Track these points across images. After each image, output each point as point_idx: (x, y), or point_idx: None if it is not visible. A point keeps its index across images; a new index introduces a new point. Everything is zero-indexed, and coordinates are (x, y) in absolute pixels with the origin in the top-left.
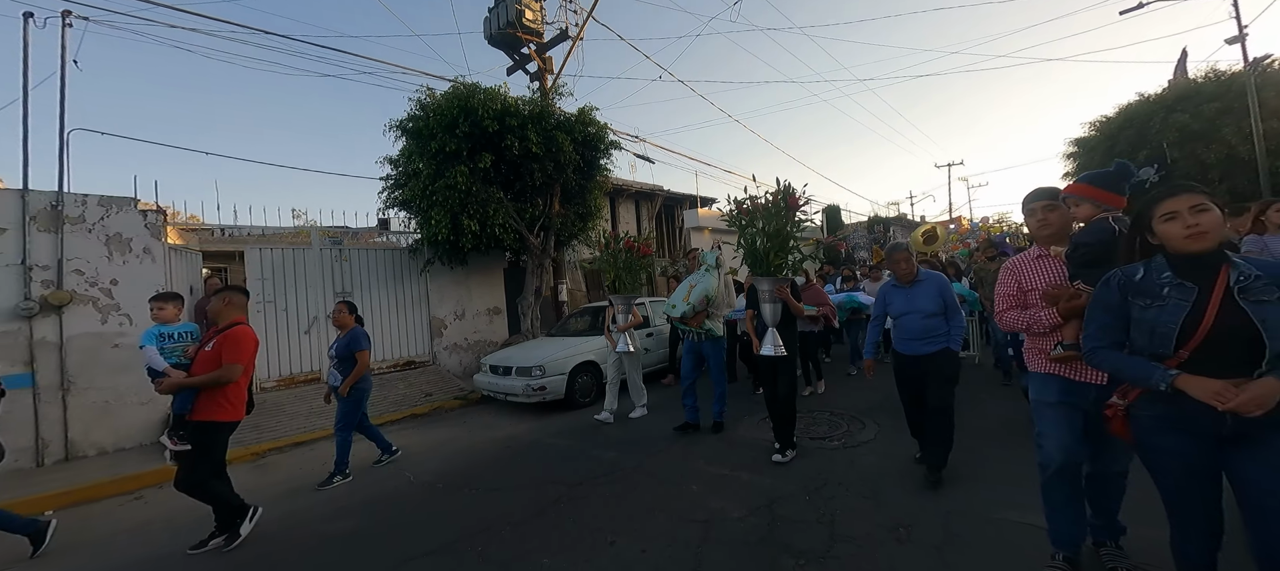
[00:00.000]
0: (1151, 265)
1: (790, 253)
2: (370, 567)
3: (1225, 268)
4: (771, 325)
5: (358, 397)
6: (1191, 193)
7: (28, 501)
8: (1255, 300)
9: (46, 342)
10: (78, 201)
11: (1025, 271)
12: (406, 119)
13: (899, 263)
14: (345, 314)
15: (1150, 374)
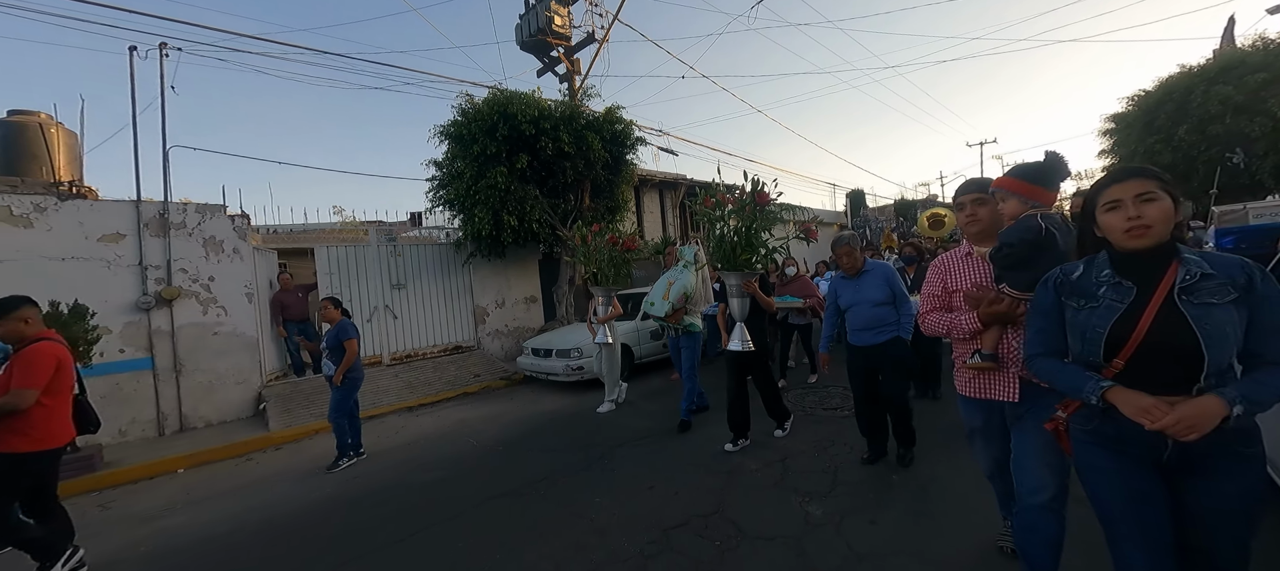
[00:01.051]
0: (1093, 262)
1: (758, 248)
2: (463, 502)
3: (1175, 265)
4: (739, 320)
5: (350, 386)
6: (1139, 178)
7: (157, 463)
8: (1200, 302)
9: (161, 331)
10: (180, 209)
11: (952, 270)
12: (449, 125)
13: (842, 256)
14: (331, 309)
15: (1082, 385)
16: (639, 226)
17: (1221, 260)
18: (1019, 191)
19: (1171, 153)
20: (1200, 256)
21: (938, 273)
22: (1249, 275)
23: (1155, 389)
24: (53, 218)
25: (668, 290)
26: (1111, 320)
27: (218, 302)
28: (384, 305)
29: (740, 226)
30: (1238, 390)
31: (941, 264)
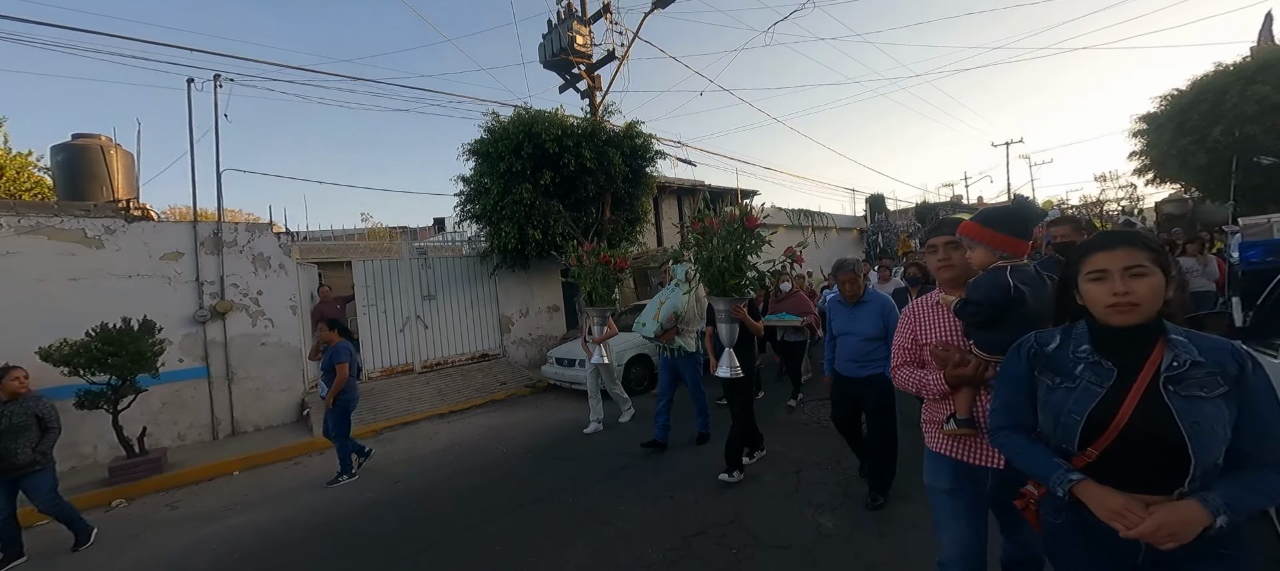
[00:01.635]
0: (1071, 333)
1: (746, 273)
2: (497, 508)
3: (1160, 346)
4: (728, 345)
5: (344, 406)
6: (1129, 247)
7: (216, 465)
8: (1187, 395)
9: (215, 342)
10: (232, 229)
11: (922, 320)
12: (477, 143)
13: (845, 283)
14: (328, 331)
15: (1048, 473)
16: (658, 233)
17: (1212, 345)
18: (985, 240)
19: (1206, 154)
20: (1188, 338)
21: (908, 323)
22: (1240, 364)
23: (1130, 485)
24: (121, 238)
25: (659, 310)
26: (1090, 406)
27: (265, 315)
28: (415, 315)
29: (728, 250)
30: (1222, 497)
31: (912, 313)
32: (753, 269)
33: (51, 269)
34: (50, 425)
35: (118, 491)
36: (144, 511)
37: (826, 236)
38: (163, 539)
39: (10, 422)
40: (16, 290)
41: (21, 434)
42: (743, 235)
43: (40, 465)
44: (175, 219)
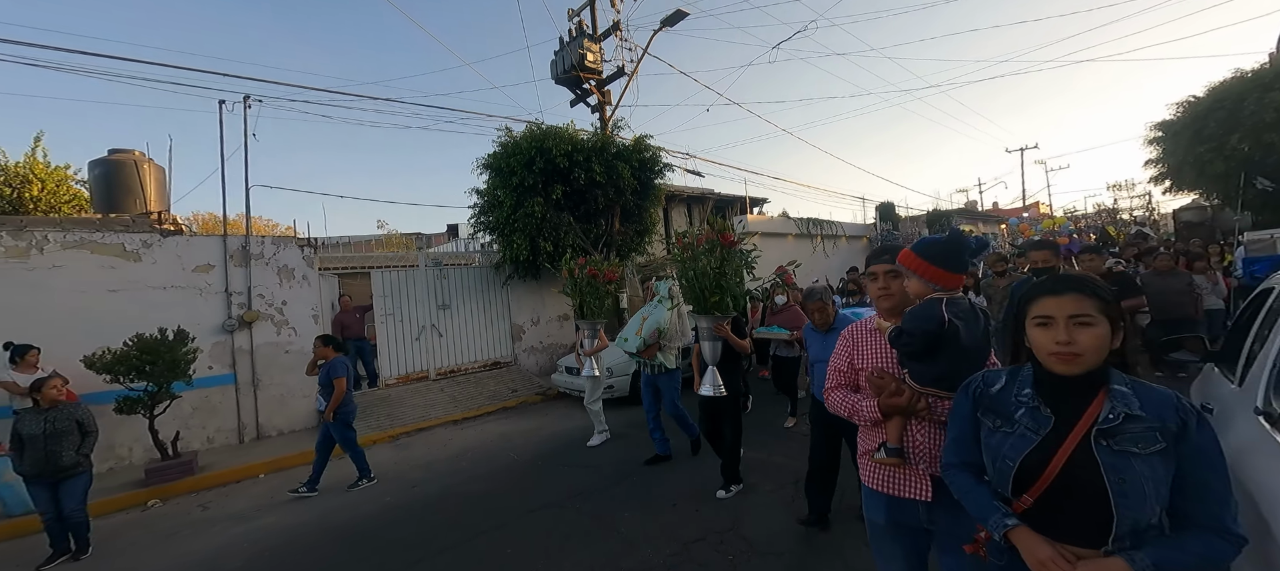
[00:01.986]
0: (1017, 375)
1: (727, 291)
2: (507, 512)
3: (1101, 396)
4: (711, 364)
5: (346, 418)
6: (1077, 295)
7: (244, 468)
8: (1119, 450)
9: (242, 350)
10: (259, 242)
11: (860, 345)
12: (490, 157)
13: (814, 312)
14: (322, 346)
15: (987, 515)
16: (667, 242)
17: (1155, 398)
18: (920, 272)
19: (1223, 162)
20: (1132, 388)
21: (846, 345)
22: (1183, 421)
23: (1063, 535)
24: (156, 252)
25: (641, 326)
26: (1023, 452)
27: (289, 324)
28: (431, 324)
29: (709, 268)
30: (1150, 558)
31: (850, 336)
32: (736, 286)
33: (93, 281)
34: (89, 429)
35: (153, 492)
36: (178, 511)
37: (836, 245)
38: (199, 538)
39: (53, 427)
40: (62, 301)
41: (65, 438)
42: (722, 253)
43: (81, 467)
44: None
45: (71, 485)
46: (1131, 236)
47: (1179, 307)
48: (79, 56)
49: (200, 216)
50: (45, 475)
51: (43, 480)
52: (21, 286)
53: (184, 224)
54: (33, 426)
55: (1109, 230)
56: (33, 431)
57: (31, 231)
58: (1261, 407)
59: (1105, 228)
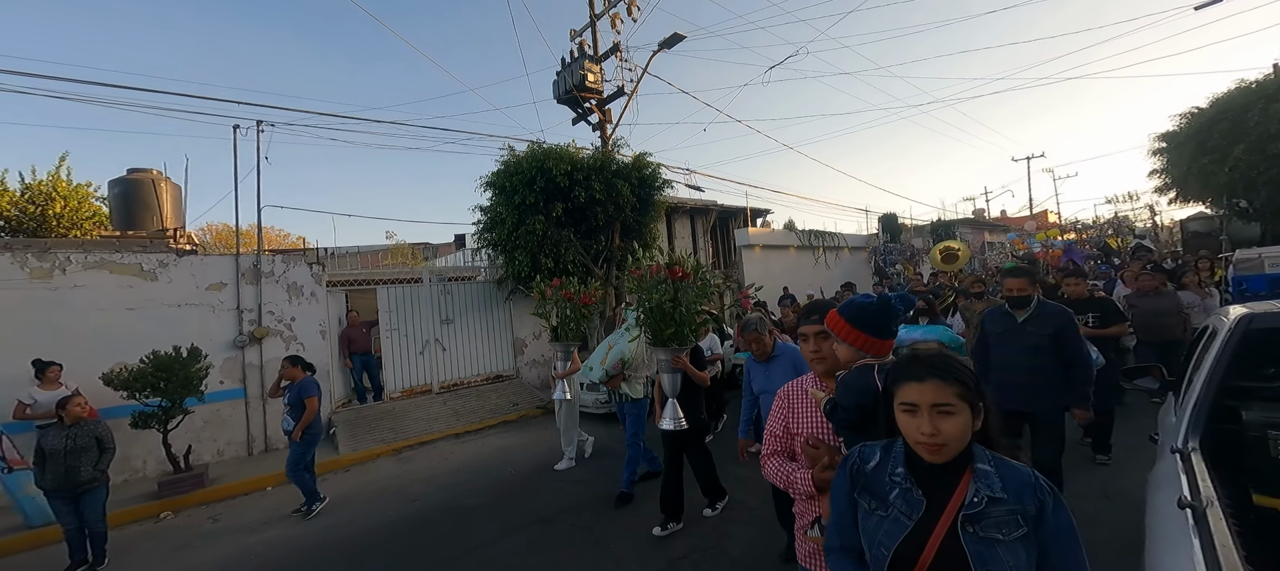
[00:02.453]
0: (891, 450)
1: (682, 324)
2: (503, 527)
3: (967, 477)
4: (671, 396)
5: (309, 440)
6: (939, 381)
7: (252, 481)
8: (985, 537)
9: (252, 365)
10: (269, 261)
11: (795, 408)
12: (493, 175)
13: (751, 342)
14: (291, 367)
15: None
16: (670, 253)
17: (1015, 479)
18: (848, 338)
19: (1227, 173)
20: (995, 466)
21: (781, 407)
22: (1041, 503)
23: None
24: (172, 271)
25: (606, 355)
26: (898, 539)
27: (297, 339)
28: (435, 338)
29: (664, 300)
30: None
31: (785, 397)
32: (690, 319)
33: (111, 299)
34: (108, 446)
35: (166, 504)
36: (190, 523)
37: (839, 256)
38: (210, 549)
39: (75, 444)
40: (82, 319)
41: (84, 454)
42: (674, 287)
43: (98, 482)
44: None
45: (91, 498)
46: (1132, 249)
47: (1166, 329)
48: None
49: (215, 228)
50: (64, 489)
51: (62, 494)
52: (46, 305)
53: (199, 239)
54: (56, 442)
55: (1110, 242)
56: (55, 447)
57: (55, 253)
58: (1178, 447)
59: (1107, 240)
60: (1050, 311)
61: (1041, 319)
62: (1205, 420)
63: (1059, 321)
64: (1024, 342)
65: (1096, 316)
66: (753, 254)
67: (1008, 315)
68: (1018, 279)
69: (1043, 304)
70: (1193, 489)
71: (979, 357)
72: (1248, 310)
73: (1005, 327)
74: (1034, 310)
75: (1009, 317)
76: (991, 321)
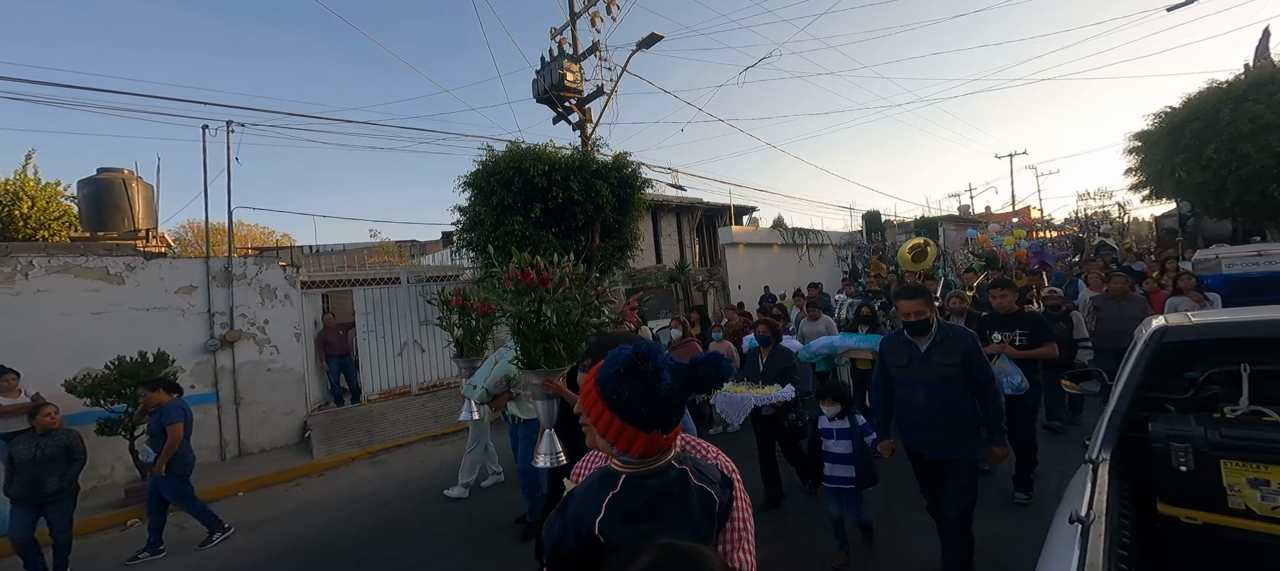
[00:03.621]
0: None
1: (554, 340)
2: (480, 527)
3: None
4: (548, 427)
5: (181, 472)
6: None
7: (223, 488)
8: None
9: (225, 369)
10: (241, 263)
11: None
12: (470, 176)
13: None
14: (150, 392)
15: None
16: (656, 251)
17: None
18: (596, 421)
19: (1201, 172)
20: None
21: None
22: None
23: None
24: (140, 274)
25: (492, 368)
26: None
27: (271, 342)
28: (413, 340)
29: (527, 312)
30: None
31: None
32: (566, 333)
33: (77, 304)
34: (76, 456)
35: (133, 512)
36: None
37: (823, 253)
38: (170, 560)
39: (43, 453)
40: (46, 325)
41: (52, 464)
42: (537, 296)
43: (64, 493)
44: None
45: (57, 508)
46: (1095, 248)
47: (1130, 335)
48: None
49: (193, 225)
50: (28, 499)
51: (26, 502)
52: (8, 311)
53: (173, 238)
54: (25, 450)
55: (1083, 238)
56: (24, 455)
57: (16, 257)
58: (1090, 457)
59: (1081, 237)
60: (955, 335)
61: (946, 345)
62: (1119, 431)
63: (964, 346)
64: (931, 375)
65: (1024, 334)
66: (737, 252)
67: (908, 343)
68: (913, 300)
69: (945, 327)
70: (1090, 502)
71: (879, 394)
72: (1164, 322)
73: (908, 358)
74: (936, 336)
75: (910, 346)
76: (891, 352)
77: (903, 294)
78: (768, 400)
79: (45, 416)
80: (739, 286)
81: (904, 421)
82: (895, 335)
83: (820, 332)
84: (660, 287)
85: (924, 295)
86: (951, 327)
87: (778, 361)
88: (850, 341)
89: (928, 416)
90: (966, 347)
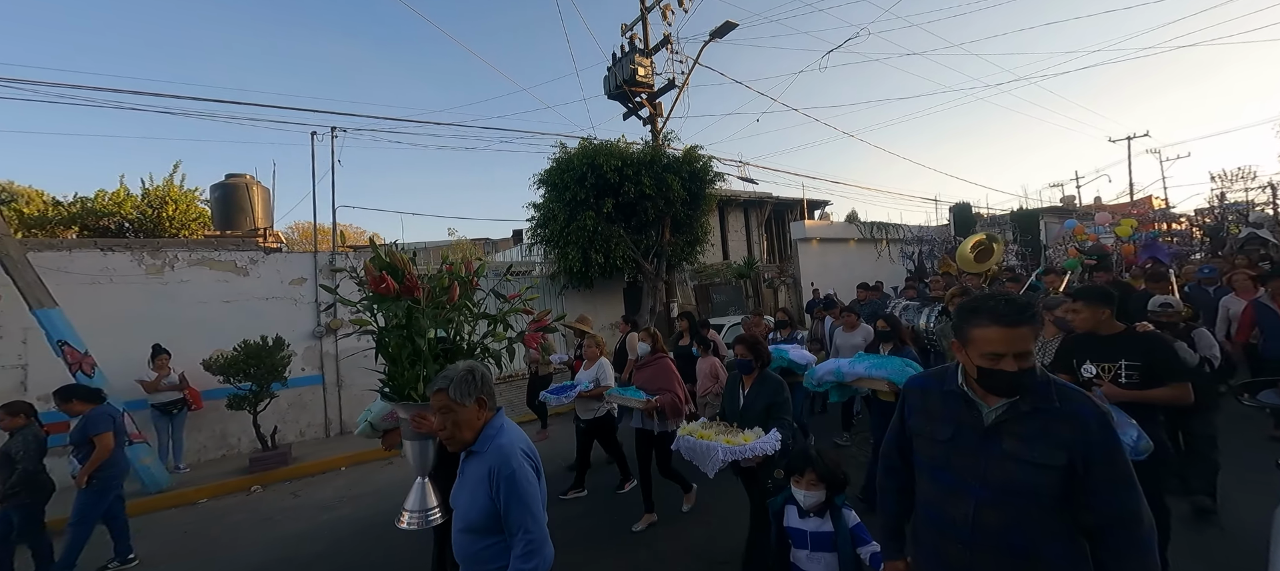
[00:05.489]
0: None
1: (425, 362)
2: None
3: None
4: (419, 474)
5: (102, 487)
6: None
7: (329, 461)
8: None
9: (329, 355)
10: (344, 257)
11: None
12: (545, 174)
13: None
14: (64, 402)
15: None
16: (723, 248)
17: None
18: None
19: None
20: None
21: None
22: None
23: None
24: (261, 267)
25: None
26: None
27: None
28: None
29: (398, 326)
30: None
31: None
32: (429, 356)
33: (211, 293)
34: (16, 462)
35: (255, 478)
36: (275, 498)
37: (903, 249)
38: (289, 522)
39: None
40: (187, 311)
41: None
42: (406, 311)
43: (10, 498)
44: (301, 235)
45: (15, 514)
46: (1242, 240)
47: None
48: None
49: (299, 225)
50: None
51: None
52: (159, 297)
53: (284, 237)
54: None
55: (1233, 229)
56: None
57: (165, 251)
58: None
59: (1230, 225)
60: (1065, 404)
61: (1040, 420)
62: None
63: (1081, 429)
64: (995, 473)
65: (1134, 365)
66: (809, 247)
67: (960, 399)
68: (1009, 326)
69: (1046, 385)
70: None
71: (889, 479)
72: None
73: (953, 428)
74: (1021, 399)
75: (962, 405)
76: (921, 405)
77: (983, 308)
78: (740, 453)
79: (10, 417)
80: (812, 284)
81: (926, 550)
82: (934, 378)
83: (857, 346)
84: (728, 284)
85: (1027, 317)
86: (1061, 388)
87: (762, 395)
88: (860, 367)
89: (974, 552)
90: (1086, 434)
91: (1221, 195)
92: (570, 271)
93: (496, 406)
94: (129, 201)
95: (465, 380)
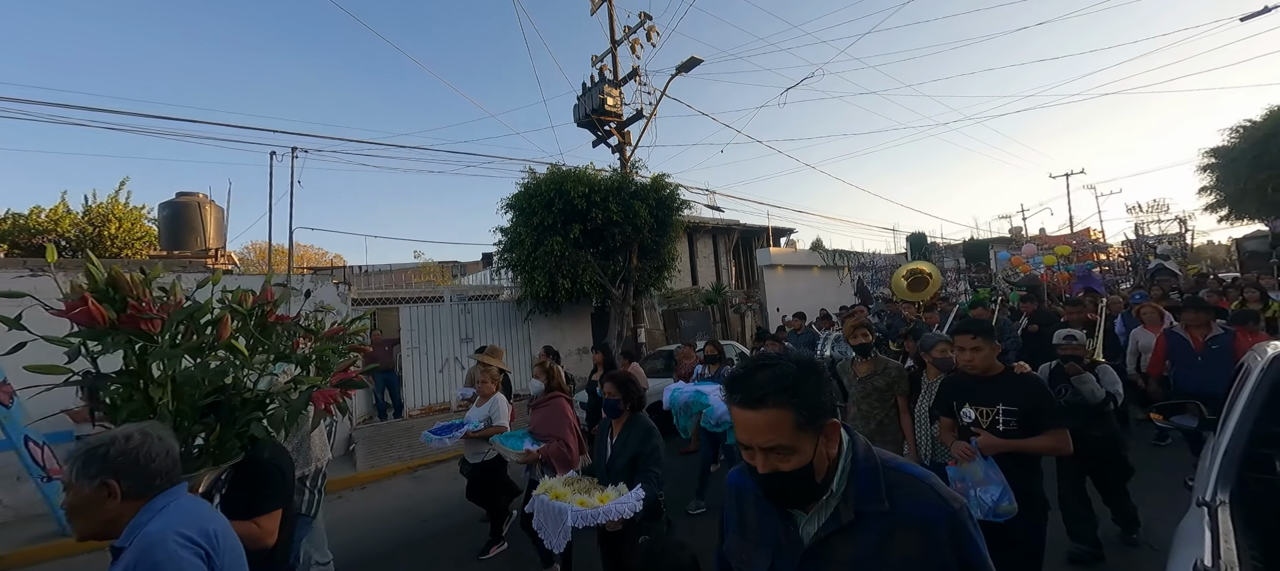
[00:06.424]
0: None
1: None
2: (520, 539)
3: None
4: None
5: None
6: None
7: None
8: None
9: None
10: (300, 280)
11: None
12: (512, 198)
13: None
14: None
15: None
16: (692, 273)
17: None
18: None
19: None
20: None
21: None
22: None
23: None
24: (210, 290)
25: None
26: None
27: None
28: (454, 357)
29: (125, 373)
30: None
31: None
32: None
33: None
34: None
35: None
36: None
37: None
38: None
39: None
40: None
41: None
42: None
43: None
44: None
45: None
46: (1151, 272)
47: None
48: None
49: (256, 245)
50: None
51: None
52: None
53: (238, 258)
54: None
55: (1150, 256)
56: None
57: None
58: (1205, 499)
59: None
60: (897, 505)
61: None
62: (1237, 470)
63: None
64: None
65: (1011, 411)
66: (774, 274)
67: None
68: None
69: (869, 471)
70: (1214, 550)
71: None
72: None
73: (771, 538)
74: (840, 490)
75: (784, 518)
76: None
77: (732, 376)
78: (593, 517)
79: None
80: (778, 309)
81: None
82: (749, 474)
83: None
84: (697, 309)
85: (772, 397)
86: (895, 479)
87: (629, 443)
88: (686, 392)
89: None
90: (938, 553)
91: (1136, 227)
92: (537, 296)
93: (163, 488)
94: (67, 218)
95: (89, 456)
